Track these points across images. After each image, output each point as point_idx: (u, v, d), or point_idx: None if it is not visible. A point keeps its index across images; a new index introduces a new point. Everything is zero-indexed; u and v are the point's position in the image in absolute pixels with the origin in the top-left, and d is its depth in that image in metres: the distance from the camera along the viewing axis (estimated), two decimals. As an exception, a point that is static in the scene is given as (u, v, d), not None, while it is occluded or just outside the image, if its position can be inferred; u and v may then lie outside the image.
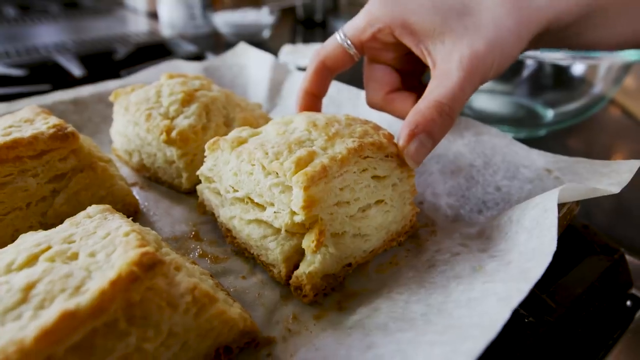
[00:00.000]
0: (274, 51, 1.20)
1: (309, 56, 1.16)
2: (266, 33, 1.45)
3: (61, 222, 0.44)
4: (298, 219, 0.43)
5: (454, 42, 0.48)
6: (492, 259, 0.45)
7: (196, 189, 0.59)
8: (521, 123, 0.90)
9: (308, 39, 1.54)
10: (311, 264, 0.44)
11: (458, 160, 0.60)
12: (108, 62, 1.15)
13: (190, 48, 1.23)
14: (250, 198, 0.48)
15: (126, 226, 0.38)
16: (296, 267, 0.45)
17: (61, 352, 0.29)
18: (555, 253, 0.39)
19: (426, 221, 0.57)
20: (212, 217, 0.55)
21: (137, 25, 1.61)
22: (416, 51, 0.51)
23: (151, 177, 0.64)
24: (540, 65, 0.86)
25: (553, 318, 0.44)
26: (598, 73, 0.84)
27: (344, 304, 0.45)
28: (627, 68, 0.81)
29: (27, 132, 0.49)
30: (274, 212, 0.46)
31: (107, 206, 0.44)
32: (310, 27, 1.69)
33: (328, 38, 0.57)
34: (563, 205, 0.49)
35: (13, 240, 0.44)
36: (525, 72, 0.89)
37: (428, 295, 0.43)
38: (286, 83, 0.84)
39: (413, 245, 0.53)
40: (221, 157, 0.51)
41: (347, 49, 0.54)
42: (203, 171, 0.53)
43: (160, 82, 0.64)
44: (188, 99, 0.60)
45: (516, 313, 0.42)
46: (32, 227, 0.49)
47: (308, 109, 0.58)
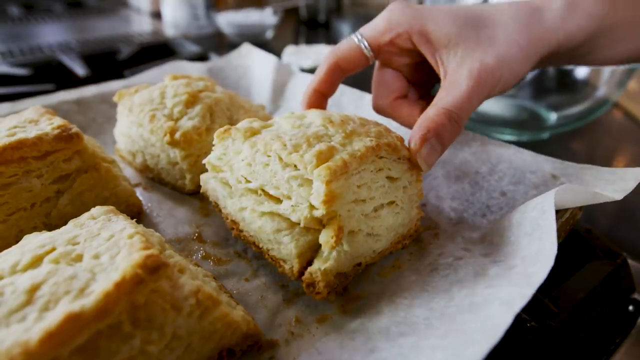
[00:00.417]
0: (277, 51, 1.20)
1: (312, 57, 1.16)
2: (269, 33, 1.45)
3: (65, 223, 0.44)
4: (318, 214, 0.42)
5: (466, 54, 0.49)
6: (495, 264, 0.45)
7: (200, 186, 0.59)
8: (524, 126, 0.90)
9: (311, 40, 1.54)
10: (326, 261, 0.43)
11: (463, 166, 0.60)
12: (112, 62, 1.16)
13: (193, 48, 1.24)
14: (264, 190, 0.47)
15: (130, 228, 0.38)
16: (309, 263, 0.45)
17: (66, 354, 0.29)
18: (557, 257, 0.39)
19: (429, 224, 0.57)
20: (216, 209, 0.54)
21: (141, 25, 1.61)
22: (430, 59, 0.52)
23: (154, 178, 0.64)
24: (543, 68, 0.85)
25: (555, 323, 0.44)
26: (602, 76, 0.84)
27: (347, 308, 0.45)
28: (631, 72, 0.81)
29: (32, 133, 0.49)
30: (292, 206, 0.44)
31: (111, 207, 0.44)
32: (313, 28, 1.69)
33: (332, 39, 0.57)
34: (566, 210, 0.49)
35: (17, 240, 0.44)
36: (528, 75, 0.88)
37: (431, 299, 0.43)
38: (289, 85, 0.84)
39: (416, 248, 0.53)
40: (232, 147, 0.49)
41: (364, 51, 0.54)
42: (210, 160, 0.52)
43: (164, 83, 0.64)
44: (192, 100, 0.61)
45: (518, 317, 0.42)
46: (36, 228, 0.49)
47: (314, 107, 0.58)
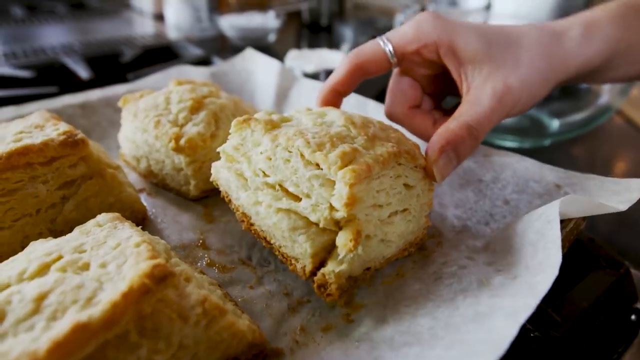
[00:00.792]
0: (280, 55, 1.20)
1: (315, 62, 1.16)
2: (272, 37, 1.45)
3: (70, 229, 0.45)
4: (338, 216, 0.42)
5: (491, 72, 0.50)
6: (499, 273, 0.46)
7: (205, 196, 0.59)
8: (527, 133, 0.90)
9: (313, 43, 1.54)
10: (341, 263, 0.43)
11: (467, 174, 0.60)
12: (115, 65, 1.16)
13: (196, 51, 1.24)
14: (282, 186, 0.46)
15: (137, 236, 0.39)
16: (321, 264, 0.44)
17: (73, 365, 0.29)
18: (561, 267, 0.40)
19: (433, 232, 0.57)
20: (225, 199, 0.52)
21: (144, 27, 1.62)
22: (454, 73, 0.53)
23: (159, 184, 0.64)
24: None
25: (559, 333, 0.44)
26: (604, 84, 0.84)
27: (351, 316, 0.45)
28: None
29: (38, 139, 0.49)
30: (311, 205, 0.43)
31: (117, 214, 0.44)
32: (315, 32, 1.69)
33: (334, 42, 0.57)
34: (570, 220, 0.49)
35: (23, 246, 0.44)
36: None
37: (435, 308, 0.43)
38: (293, 90, 0.84)
39: (419, 256, 0.53)
40: (250, 138, 0.48)
41: (388, 56, 0.54)
42: (225, 149, 0.50)
43: (169, 89, 0.65)
44: (197, 106, 0.61)
45: (522, 327, 0.42)
46: (42, 234, 0.49)
47: (329, 105, 0.57)
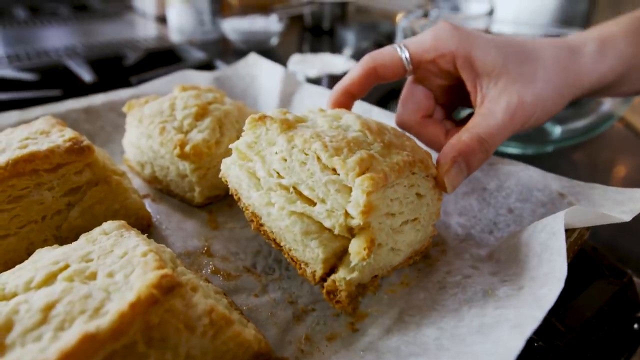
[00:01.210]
0: (282, 58, 1.20)
1: (318, 66, 1.17)
2: (274, 40, 1.45)
3: (75, 236, 0.45)
4: (354, 223, 0.41)
5: (506, 86, 0.50)
6: (503, 284, 0.46)
7: (209, 203, 0.59)
8: (529, 139, 0.90)
9: (315, 47, 1.55)
10: (352, 271, 0.42)
11: (471, 183, 0.60)
12: (118, 68, 1.16)
13: (199, 55, 1.24)
14: (296, 188, 0.45)
15: (143, 245, 0.39)
16: (332, 270, 0.44)
17: (81, 375, 0.29)
18: (564, 276, 0.40)
19: (437, 240, 0.57)
20: (234, 195, 0.51)
21: (146, 29, 1.62)
22: (469, 85, 0.53)
23: (163, 190, 0.64)
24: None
25: (563, 343, 0.44)
26: (607, 91, 0.84)
27: (356, 325, 0.45)
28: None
29: (44, 145, 0.49)
30: (327, 210, 0.43)
31: (123, 222, 0.44)
32: (317, 35, 1.69)
33: (336, 46, 0.57)
34: (574, 230, 0.49)
35: (28, 253, 0.44)
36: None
37: (440, 318, 0.43)
38: (297, 95, 0.84)
39: (424, 265, 0.53)
40: (265, 137, 0.47)
41: (404, 63, 0.54)
42: (239, 146, 0.49)
43: (173, 95, 0.65)
44: (202, 113, 0.61)
45: (526, 338, 0.42)
46: (47, 241, 0.49)
47: (341, 107, 0.57)
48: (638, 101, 1.12)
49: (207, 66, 1.14)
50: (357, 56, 1.24)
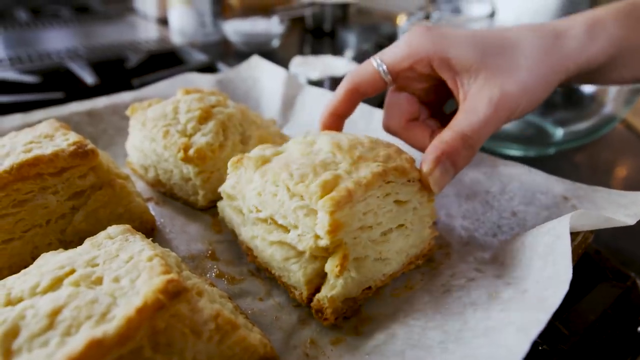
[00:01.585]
0: (283, 60, 1.20)
1: (320, 69, 1.17)
2: (275, 42, 1.46)
3: (80, 239, 0.45)
4: (322, 243, 0.43)
5: (487, 80, 0.49)
6: (508, 286, 0.46)
7: (213, 206, 0.60)
8: (531, 141, 0.90)
9: (317, 49, 1.55)
10: (333, 288, 0.44)
11: (474, 185, 0.60)
12: (120, 70, 1.16)
13: (201, 57, 1.24)
14: (273, 219, 0.48)
15: (148, 250, 0.39)
16: (318, 290, 0.46)
17: (88, 381, 0.29)
18: (567, 279, 0.40)
19: (440, 243, 0.57)
20: (232, 236, 0.55)
21: (147, 31, 1.62)
22: (450, 83, 0.52)
23: (166, 193, 0.64)
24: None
25: (567, 346, 0.44)
26: (609, 93, 0.84)
27: (361, 329, 0.45)
28: (638, 90, 0.81)
29: (48, 149, 0.49)
30: (298, 235, 0.45)
31: (128, 226, 0.44)
32: (319, 37, 1.69)
33: (337, 48, 0.57)
34: (578, 233, 0.50)
35: (33, 257, 0.44)
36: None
37: (444, 321, 0.43)
38: (299, 97, 0.85)
39: (428, 268, 0.53)
40: (244, 176, 0.50)
41: (382, 75, 0.54)
42: (225, 189, 0.53)
43: (176, 98, 0.65)
44: (205, 116, 0.61)
45: (530, 341, 0.42)
46: (51, 245, 0.49)
47: (332, 129, 0.58)
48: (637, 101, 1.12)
49: (209, 68, 1.14)
50: (359, 58, 1.24)
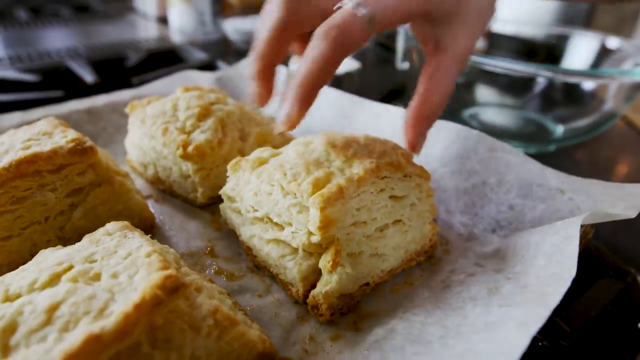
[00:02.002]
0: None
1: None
2: (275, 40, 1.45)
3: (79, 237, 0.45)
4: (315, 240, 0.44)
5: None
6: (508, 281, 0.46)
7: (212, 203, 0.60)
8: (531, 138, 0.90)
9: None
10: (328, 284, 0.44)
11: (472, 177, 0.60)
12: (119, 69, 1.16)
13: (200, 56, 1.24)
14: (269, 218, 0.49)
15: (147, 246, 0.39)
16: (314, 286, 0.46)
17: (86, 376, 0.29)
18: (568, 275, 0.40)
19: (440, 239, 0.57)
20: (234, 236, 0.56)
21: (147, 30, 1.62)
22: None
23: (166, 190, 0.64)
24: (551, 81, 0.86)
25: (567, 342, 0.44)
26: (609, 90, 0.84)
27: (360, 325, 0.45)
28: (639, 87, 0.81)
29: (47, 146, 0.49)
30: (292, 232, 0.46)
31: (126, 223, 0.44)
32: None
33: None
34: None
35: (31, 254, 0.44)
36: (536, 88, 0.89)
37: (444, 317, 0.43)
38: (298, 95, 0.84)
39: (428, 264, 0.53)
40: (242, 178, 0.52)
41: (369, 29, 0.47)
42: (226, 191, 0.54)
43: (176, 96, 0.65)
44: (204, 113, 0.61)
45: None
46: (50, 241, 0.49)
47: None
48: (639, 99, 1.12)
49: (209, 66, 1.14)
50: (357, 55, 1.24)
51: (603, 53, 0.98)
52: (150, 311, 0.32)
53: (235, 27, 1.41)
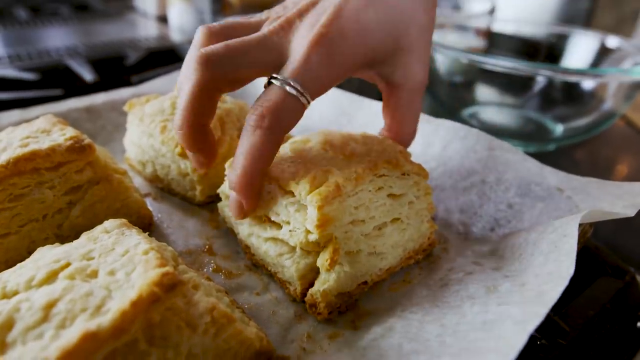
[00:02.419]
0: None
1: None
2: (275, 39, 1.45)
3: (76, 234, 0.45)
4: (312, 238, 0.44)
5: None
6: (506, 279, 0.46)
7: (211, 202, 0.60)
8: (531, 137, 0.90)
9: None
10: (325, 282, 0.44)
11: (471, 176, 0.60)
12: (119, 67, 1.16)
13: (200, 54, 1.24)
14: (267, 216, 0.48)
15: (144, 244, 0.38)
16: (311, 285, 0.46)
17: (82, 373, 0.29)
18: (567, 274, 0.40)
19: (438, 238, 0.57)
20: (232, 234, 0.56)
21: (147, 29, 1.62)
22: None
23: (164, 189, 0.64)
24: (550, 80, 0.86)
25: (566, 341, 0.44)
26: (608, 90, 0.84)
27: (358, 323, 0.45)
28: (638, 86, 0.81)
29: (45, 144, 0.49)
30: (290, 231, 0.46)
31: (124, 220, 0.44)
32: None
33: None
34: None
35: (29, 252, 0.44)
36: (535, 87, 0.89)
37: (442, 315, 0.43)
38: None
39: (426, 262, 0.53)
40: None
41: (305, 104, 0.44)
42: (224, 190, 0.54)
43: (174, 94, 0.65)
44: (203, 112, 0.61)
45: (529, 336, 0.42)
46: (48, 239, 0.49)
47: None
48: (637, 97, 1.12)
49: (208, 65, 1.14)
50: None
51: (603, 52, 0.98)
52: (147, 308, 0.32)
53: (235, 26, 1.41)
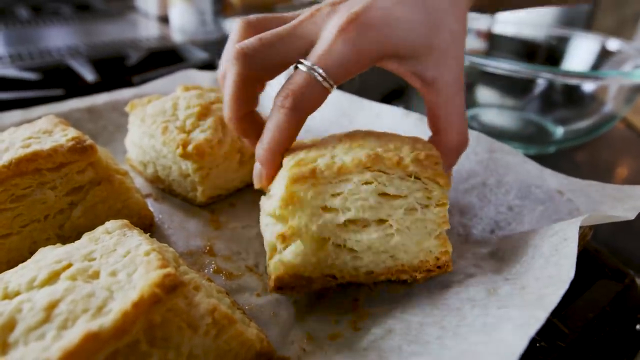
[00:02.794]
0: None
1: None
2: (276, 40, 1.45)
3: (78, 235, 0.45)
4: (278, 212, 0.45)
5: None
6: (506, 282, 0.46)
7: (212, 202, 0.60)
8: (531, 140, 0.90)
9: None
10: (280, 255, 0.45)
11: (471, 178, 0.60)
12: (120, 68, 1.16)
13: (201, 55, 1.24)
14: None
15: (146, 244, 0.39)
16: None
17: (84, 374, 0.29)
18: (566, 276, 0.40)
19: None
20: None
21: (148, 29, 1.62)
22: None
23: (165, 189, 0.64)
24: (551, 82, 0.86)
25: (565, 343, 0.44)
26: (609, 92, 0.84)
27: (359, 324, 0.45)
28: (639, 89, 0.81)
29: (47, 145, 0.49)
30: (274, 201, 0.47)
31: (125, 221, 0.44)
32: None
33: None
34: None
35: (31, 252, 0.44)
36: (536, 89, 0.89)
37: (442, 317, 0.43)
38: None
39: (426, 265, 0.53)
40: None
41: (328, 88, 0.46)
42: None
43: (176, 95, 0.65)
44: (204, 112, 0.61)
45: (528, 338, 0.42)
46: (50, 240, 0.49)
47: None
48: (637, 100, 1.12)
49: (209, 66, 1.14)
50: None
51: (603, 55, 0.98)
52: (148, 309, 0.32)
53: (236, 27, 1.41)
